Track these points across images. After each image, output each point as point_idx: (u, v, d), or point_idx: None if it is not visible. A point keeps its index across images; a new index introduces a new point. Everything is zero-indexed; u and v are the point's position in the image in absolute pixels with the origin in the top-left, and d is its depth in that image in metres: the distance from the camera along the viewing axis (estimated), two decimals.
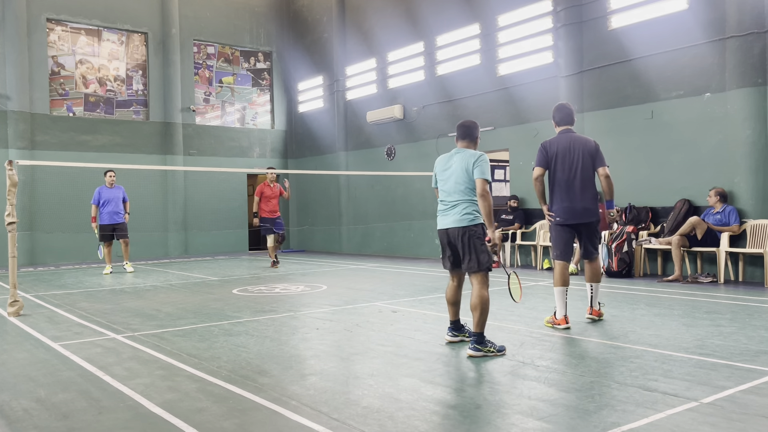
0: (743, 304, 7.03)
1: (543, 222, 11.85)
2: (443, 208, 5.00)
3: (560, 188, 5.78)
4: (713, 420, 3.22)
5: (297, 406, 3.60)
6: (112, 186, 11.99)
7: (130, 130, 16.41)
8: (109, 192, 11.93)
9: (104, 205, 11.84)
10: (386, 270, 11.71)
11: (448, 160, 5.02)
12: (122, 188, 12.25)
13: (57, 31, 15.61)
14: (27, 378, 4.36)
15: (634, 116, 10.47)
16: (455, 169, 4.91)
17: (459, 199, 4.87)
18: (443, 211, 4.99)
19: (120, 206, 12.00)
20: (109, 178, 11.96)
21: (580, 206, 5.76)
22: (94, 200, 11.90)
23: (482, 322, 4.74)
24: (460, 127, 5.10)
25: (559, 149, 5.80)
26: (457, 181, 4.87)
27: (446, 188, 4.97)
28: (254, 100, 18.78)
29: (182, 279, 10.84)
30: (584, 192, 5.76)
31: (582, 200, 5.75)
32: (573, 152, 5.77)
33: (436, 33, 14.24)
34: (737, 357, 4.51)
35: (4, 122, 14.56)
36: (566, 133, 5.91)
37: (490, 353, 4.67)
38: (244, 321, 6.45)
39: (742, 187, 9.14)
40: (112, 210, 11.85)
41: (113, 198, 11.91)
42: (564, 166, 5.77)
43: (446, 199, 4.97)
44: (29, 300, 8.33)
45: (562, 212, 5.80)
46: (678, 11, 9.86)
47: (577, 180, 5.75)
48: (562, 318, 5.70)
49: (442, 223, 4.99)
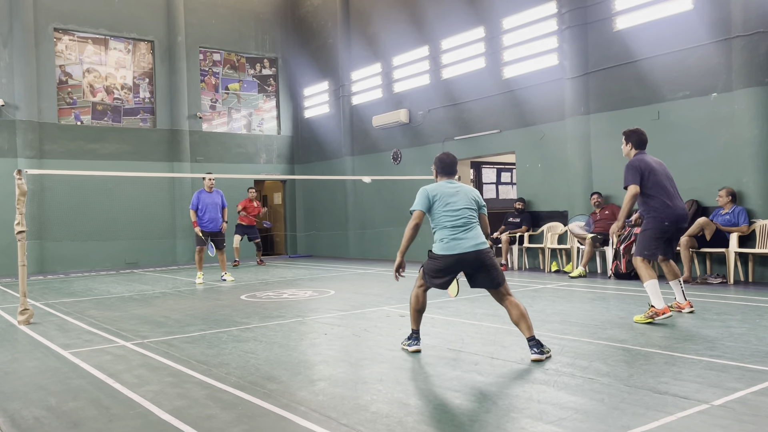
0: (753, 304, 6.98)
1: (551, 224, 11.83)
2: (457, 231, 4.84)
3: (667, 196, 6.22)
4: (724, 422, 3.20)
5: (306, 411, 3.60)
6: (211, 190, 11.18)
7: (137, 137, 16.50)
8: (208, 196, 11.15)
9: (203, 211, 11.07)
10: (388, 275, 11.70)
11: (450, 185, 5.05)
12: (221, 193, 11.50)
13: (64, 41, 15.73)
14: (38, 386, 4.38)
15: (641, 117, 10.43)
16: (465, 194, 4.99)
17: (473, 222, 4.93)
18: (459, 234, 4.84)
19: (219, 213, 11.24)
20: (208, 181, 11.13)
21: (683, 212, 6.32)
22: (193, 205, 11.12)
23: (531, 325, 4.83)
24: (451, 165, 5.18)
25: (649, 165, 6.25)
26: (470, 205, 4.95)
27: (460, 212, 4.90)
28: (260, 107, 18.85)
29: (190, 285, 10.87)
30: (682, 200, 6.47)
31: (683, 206, 6.37)
32: (662, 166, 6.43)
33: (440, 37, 14.26)
34: (748, 358, 4.48)
35: (13, 132, 14.67)
36: (644, 154, 6.41)
37: (548, 353, 4.73)
38: (252, 327, 6.47)
39: (751, 187, 9.09)
40: (211, 217, 11.10)
41: (212, 203, 11.15)
42: (664, 178, 6.30)
43: (459, 222, 4.87)
44: (39, 308, 8.38)
45: (673, 217, 6.19)
46: (683, 11, 9.83)
47: (677, 190, 6.40)
48: (665, 307, 5.97)
49: (465, 245, 4.80)
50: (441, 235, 4.90)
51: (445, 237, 4.87)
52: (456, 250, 4.81)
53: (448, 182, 5.08)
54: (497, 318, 6.46)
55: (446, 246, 4.84)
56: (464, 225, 4.86)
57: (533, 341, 4.67)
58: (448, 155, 5.22)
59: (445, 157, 5.18)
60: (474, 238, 4.84)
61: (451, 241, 4.84)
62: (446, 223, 4.88)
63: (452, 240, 4.83)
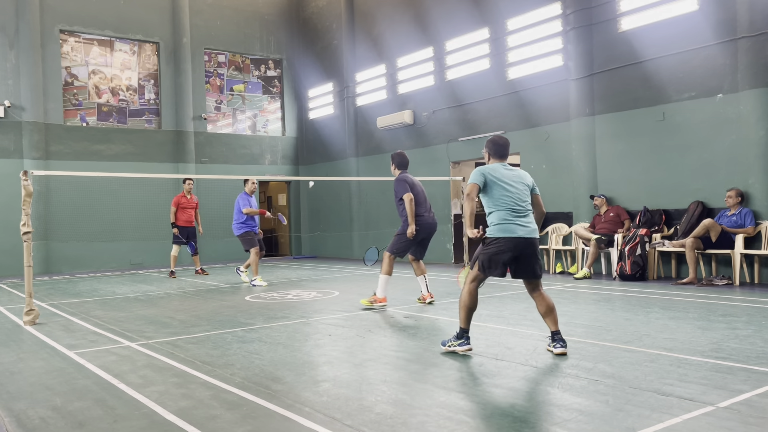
0: (759, 306, 6.95)
1: (555, 225, 11.80)
2: (516, 215, 4.83)
3: None
4: (730, 424, 3.19)
5: (310, 412, 3.60)
6: (252, 194, 11.16)
7: (142, 139, 16.55)
8: (251, 200, 11.13)
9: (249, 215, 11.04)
10: (398, 275, 11.69)
11: (506, 169, 4.98)
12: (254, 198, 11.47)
13: (70, 42, 15.79)
14: (43, 386, 4.40)
15: (646, 118, 10.41)
16: (519, 179, 4.96)
17: (529, 209, 4.92)
18: (518, 219, 4.82)
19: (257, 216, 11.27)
20: (251, 185, 11.10)
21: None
22: (246, 205, 10.90)
23: None
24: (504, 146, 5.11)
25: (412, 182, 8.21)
26: (525, 191, 4.95)
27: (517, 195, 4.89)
28: (265, 108, 18.88)
29: (195, 286, 10.90)
30: None
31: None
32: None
33: (445, 38, 14.26)
34: (754, 360, 4.46)
35: (19, 133, 14.73)
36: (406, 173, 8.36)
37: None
38: (257, 328, 6.48)
39: (757, 188, 9.05)
40: (255, 220, 11.12)
41: (254, 206, 11.18)
42: None
43: (518, 206, 4.86)
44: (45, 309, 8.41)
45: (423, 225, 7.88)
46: (688, 12, 9.80)
47: None
48: (384, 297, 7.65)
49: (522, 231, 4.79)
50: (499, 217, 4.83)
51: (504, 220, 4.81)
52: (516, 233, 4.77)
53: (503, 165, 5.01)
54: (501, 319, 6.45)
55: (505, 228, 4.79)
56: (523, 209, 4.85)
57: (558, 335, 4.82)
58: (501, 138, 5.16)
59: (498, 140, 5.12)
60: (530, 224, 4.86)
61: (511, 224, 4.79)
62: (505, 205, 4.82)
63: (511, 223, 4.79)
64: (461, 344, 4.91)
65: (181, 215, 12.88)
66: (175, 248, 12.92)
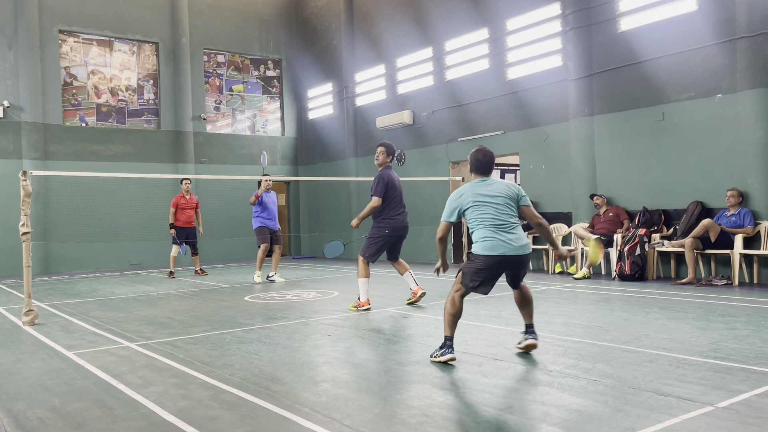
0: (758, 306, 6.96)
1: (554, 225, 11.80)
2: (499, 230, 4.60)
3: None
4: (729, 425, 3.19)
5: (309, 413, 3.60)
6: (269, 191, 11.43)
7: (141, 139, 16.55)
8: (267, 196, 11.40)
9: (264, 209, 11.34)
10: (397, 276, 11.69)
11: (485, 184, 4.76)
12: (275, 194, 11.80)
13: (69, 43, 15.78)
14: (42, 387, 4.40)
15: (645, 118, 10.41)
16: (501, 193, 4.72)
17: (514, 222, 4.69)
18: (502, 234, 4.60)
19: (276, 212, 11.55)
20: (265, 182, 11.32)
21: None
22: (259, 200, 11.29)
23: None
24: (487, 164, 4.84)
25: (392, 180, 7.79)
26: (508, 205, 4.70)
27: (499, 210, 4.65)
28: (264, 108, 18.87)
29: (194, 287, 10.89)
30: None
31: None
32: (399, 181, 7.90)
33: (444, 38, 14.26)
34: (753, 360, 4.47)
35: (18, 133, 14.73)
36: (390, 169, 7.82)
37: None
38: (256, 328, 6.47)
39: (756, 188, 9.06)
40: (271, 215, 11.37)
41: (271, 203, 11.46)
42: None
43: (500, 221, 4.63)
44: (44, 309, 8.40)
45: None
46: (687, 12, 9.81)
47: None
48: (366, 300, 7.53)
49: (506, 248, 4.58)
50: (480, 235, 4.65)
51: (484, 237, 4.62)
52: (498, 251, 4.57)
53: (481, 181, 4.78)
54: (501, 320, 6.45)
55: (487, 246, 4.59)
56: (506, 224, 4.61)
57: (531, 328, 4.92)
58: (484, 153, 4.83)
59: (481, 156, 4.81)
60: (517, 240, 4.62)
61: (493, 240, 4.58)
62: (485, 222, 4.62)
63: (494, 240, 4.58)
64: (443, 353, 4.64)
65: (180, 215, 12.95)
66: (174, 248, 12.95)
